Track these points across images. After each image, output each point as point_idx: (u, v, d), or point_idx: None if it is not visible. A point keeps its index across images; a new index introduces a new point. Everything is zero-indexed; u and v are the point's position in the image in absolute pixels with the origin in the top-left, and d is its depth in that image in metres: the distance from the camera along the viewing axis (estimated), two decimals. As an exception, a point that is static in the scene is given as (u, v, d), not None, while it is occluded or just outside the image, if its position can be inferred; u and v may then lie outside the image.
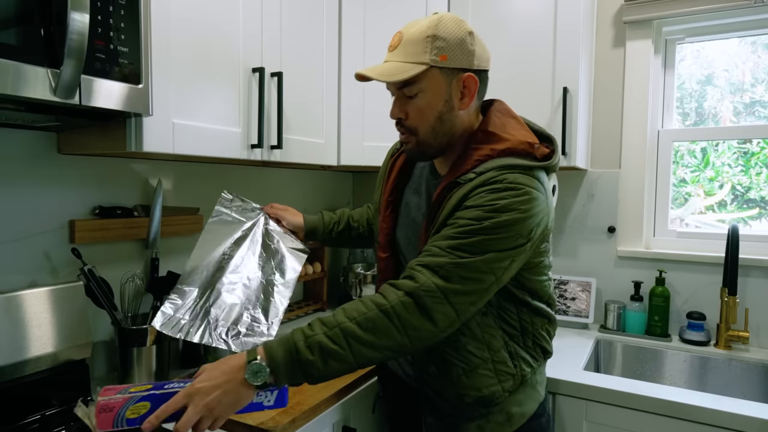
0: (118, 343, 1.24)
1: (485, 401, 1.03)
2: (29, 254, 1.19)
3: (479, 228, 0.90)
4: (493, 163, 0.96)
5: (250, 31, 1.33)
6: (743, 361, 1.61)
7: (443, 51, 0.95)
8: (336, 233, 1.38)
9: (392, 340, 0.87)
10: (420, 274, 0.89)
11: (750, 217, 1.81)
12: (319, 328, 0.86)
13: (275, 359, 0.84)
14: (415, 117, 1.01)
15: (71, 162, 1.26)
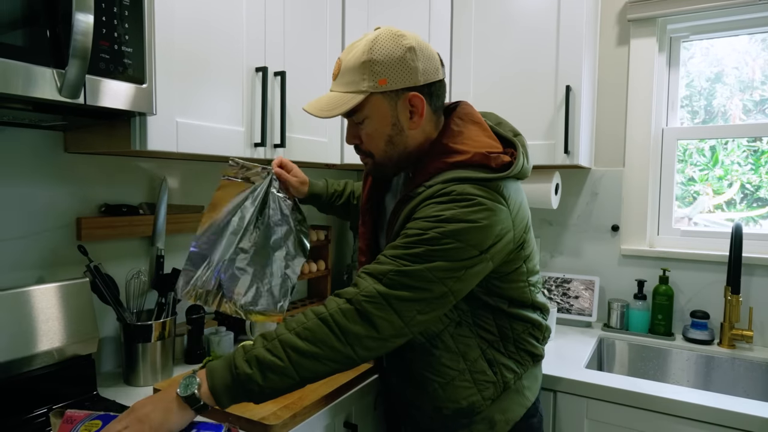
0: (124, 339, 1.26)
1: (464, 412, 1.02)
2: (37, 251, 1.21)
3: (423, 239, 0.88)
4: (444, 176, 0.94)
5: (253, 31, 1.34)
6: (747, 360, 1.60)
7: (381, 75, 0.93)
8: (337, 205, 1.37)
9: (333, 350, 0.84)
10: (362, 280, 0.88)
11: (759, 216, 1.80)
12: (260, 341, 0.85)
13: (215, 377, 0.82)
14: (367, 142, 1.01)
15: (78, 160, 1.28)
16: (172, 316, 1.32)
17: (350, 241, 2.30)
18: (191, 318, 1.41)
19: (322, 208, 1.39)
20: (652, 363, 1.74)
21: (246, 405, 1.09)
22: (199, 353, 1.41)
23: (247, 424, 1.04)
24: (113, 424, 0.82)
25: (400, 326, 0.86)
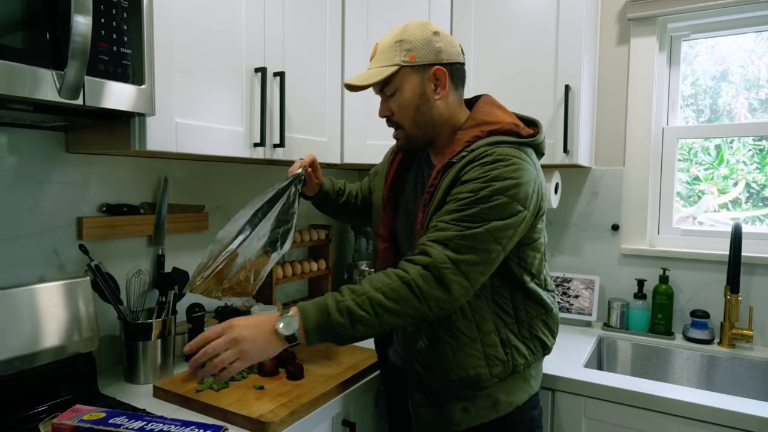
0: (124, 337, 1.27)
1: (470, 382, 1.07)
2: (38, 250, 1.22)
3: (477, 198, 0.98)
4: (483, 141, 1.06)
5: (252, 31, 1.35)
6: (747, 360, 1.60)
7: (411, 51, 1.09)
8: (339, 203, 1.39)
9: (413, 308, 0.95)
10: (432, 248, 0.97)
11: (765, 216, 1.79)
12: (348, 294, 0.95)
13: (308, 318, 0.93)
14: (397, 112, 1.13)
15: (79, 160, 1.29)
16: (173, 314, 1.34)
17: (351, 240, 2.31)
18: (192, 316, 1.42)
19: (321, 206, 1.40)
20: (652, 362, 1.74)
21: (245, 402, 1.11)
22: (200, 351, 1.42)
23: (244, 422, 1.05)
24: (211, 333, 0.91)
25: (468, 287, 0.98)
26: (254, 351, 0.92)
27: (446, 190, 1.04)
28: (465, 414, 1.10)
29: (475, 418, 1.10)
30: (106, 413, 0.91)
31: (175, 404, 1.15)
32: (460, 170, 1.03)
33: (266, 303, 1.77)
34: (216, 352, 0.91)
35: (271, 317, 0.95)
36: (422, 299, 0.95)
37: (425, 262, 0.96)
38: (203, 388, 1.17)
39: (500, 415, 1.10)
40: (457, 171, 1.04)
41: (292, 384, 1.22)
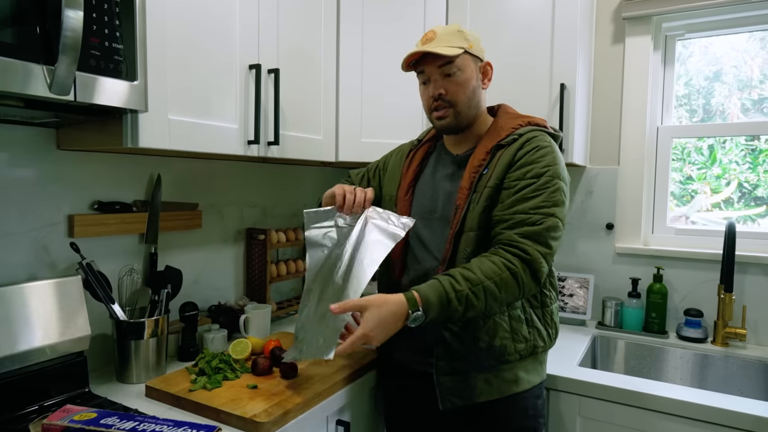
0: (116, 337, 1.26)
1: (495, 352, 1.15)
2: (29, 248, 1.21)
3: (544, 182, 1.11)
4: (527, 128, 1.20)
5: (246, 27, 1.34)
6: (740, 358, 1.61)
7: (470, 42, 1.20)
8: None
9: (513, 296, 1.08)
10: (527, 246, 1.08)
11: (757, 215, 1.80)
12: (465, 284, 1.04)
13: (430, 305, 1.03)
14: (453, 91, 1.19)
15: (70, 157, 1.28)
16: (166, 313, 1.32)
17: (346, 239, 2.29)
18: (185, 315, 1.41)
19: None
20: (645, 361, 1.74)
21: (238, 402, 1.10)
22: (193, 350, 1.41)
23: (238, 421, 1.04)
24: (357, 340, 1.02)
25: (547, 272, 1.11)
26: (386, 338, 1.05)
27: (505, 169, 1.14)
28: (487, 385, 1.16)
29: (495, 391, 1.17)
30: (97, 413, 0.90)
31: (167, 404, 1.14)
32: (516, 152, 1.15)
33: (260, 302, 1.76)
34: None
35: (400, 316, 1.03)
36: (522, 289, 1.08)
37: (526, 259, 1.07)
38: (196, 387, 1.16)
39: (518, 392, 1.18)
40: (513, 153, 1.15)
41: (286, 383, 1.21)
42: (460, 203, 1.17)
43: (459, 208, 1.17)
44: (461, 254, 1.15)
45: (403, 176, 1.34)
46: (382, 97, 1.74)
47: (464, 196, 1.17)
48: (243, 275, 1.81)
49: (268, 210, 1.91)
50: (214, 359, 1.25)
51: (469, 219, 1.15)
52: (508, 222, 1.11)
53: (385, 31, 1.73)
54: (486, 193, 1.14)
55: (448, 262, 1.16)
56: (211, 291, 1.68)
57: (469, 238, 1.14)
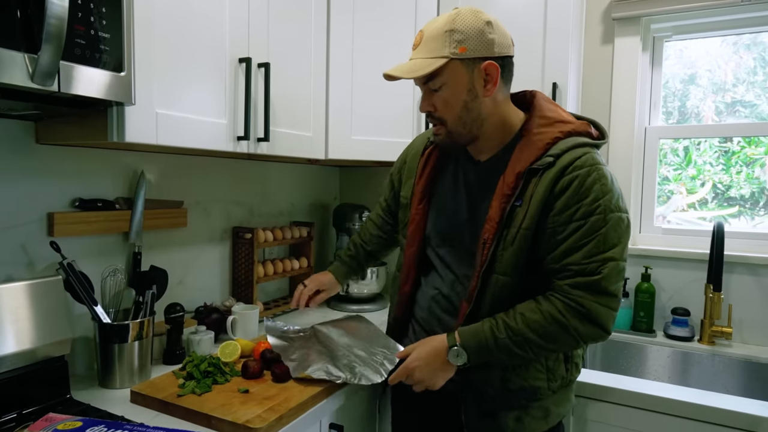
0: (99, 340, 1.21)
1: (527, 392, 1.08)
2: (5, 247, 1.14)
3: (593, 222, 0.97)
4: (564, 144, 1.01)
5: (236, 19, 1.29)
6: (726, 357, 1.63)
7: (462, 43, 1.00)
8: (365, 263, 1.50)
9: (568, 346, 1.02)
10: (584, 300, 0.97)
11: (730, 215, 1.83)
12: (506, 331, 1.00)
13: (469, 348, 1.02)
14: (442, 108, 1.06)
15: (50, 152, 1.22)
16: (151, 315, 1.27)
17: (332, 238, 2.26)
18: (170, 317, 1.36)
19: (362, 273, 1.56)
20: (633, 360, 1.76)
21: (229, 407, 1.06)
22: (179, 353, 1.36)
23: (230, 427, 1.00)
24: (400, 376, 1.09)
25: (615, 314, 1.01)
26: (436, 380, 1.07)
27: (542, 206, 1.00)
28: (518, 424, 1.09)
29: (528, 429, 1.09)
30: (82, 422, 0.85)
31: (154, 410, 1.09)
32: (554, 184, 0.99)
33: (247, 302, 1.71)
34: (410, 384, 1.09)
35: (441, 348, 1.05)
36: (579, 339, 1.00)
37: (582, 312, 0.98)
38: (184, 392, 1.11)
39: (549, 427, 1.11)
40: (551, 185, 0.99)
41: (279, 387, 1.17)
42: (488, 237, 1.03)
43: (487, 243, 1.03)
44: (489, 296, 1.05)
45: (417, 179, 1.21)
46: (373, 94, 1.71)
47: (492, 230, 1.03)
48: (229, 275, 1.76)
49: (254, 208, 1.87)
50: (203, 362, 1.20)
51: (501, 260, 1.03)
52: (561, 273, 1.00)
53: (376, 28, 1.70)
54: (521, 235, 1.00)
55: (475, 300, 1.06)
56: (196, 292, 1.62)
57: (499, 282, 1.03)
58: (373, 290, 2.01)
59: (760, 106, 1.78)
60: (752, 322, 1.69)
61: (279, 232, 1.84)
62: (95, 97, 0.92)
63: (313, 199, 2.19)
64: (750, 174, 1.81)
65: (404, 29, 1.70)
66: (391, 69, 1.06)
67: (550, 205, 0.99)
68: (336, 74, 1.68)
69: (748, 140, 1.81)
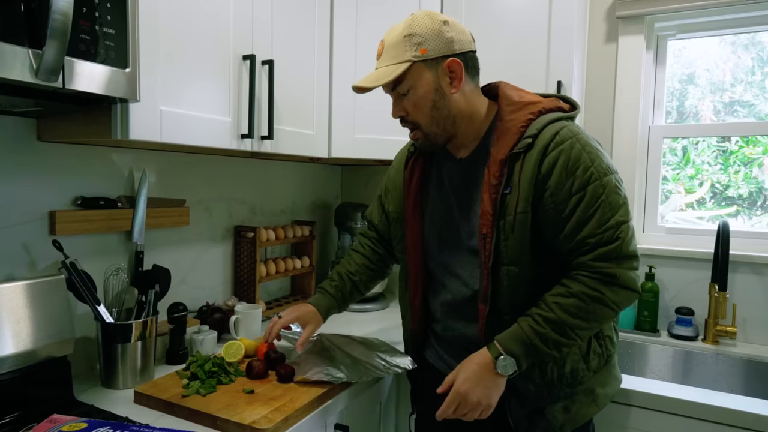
0: (102, 340, 1.19)
1: (567, 378, 1.06)
2: (6, 246, 1.13)
3: (591, 190, 0.98)
4: (539, 122, 1.02)
5: (240, 17, 1.28)
6: (730, 356, 1.62)
7: (422, 45, 1.02)
8: (350, 296, 1.40)
9: (608, 318, 1.01)
10: (611, 269, 0.98)
11: (728, 215, 1.83)
12: (548, 326, 0.99)
13: (515, 353, 1.00)
14: (413, 111, 1.07)
15: (52, 150, 1.20)
16: (154, 315, 1.26)
17: (334, 237, 2.25)
18: (173, 317, 1.35)
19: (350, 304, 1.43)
20: (637, 359, 1.75)
21: (234, 408, 1.05)
22: (182, 353, 1.35)
23: (236, 428, 0.99)
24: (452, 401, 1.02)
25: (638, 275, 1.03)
26: (492, 398, 1.02)
27: (532, 187, 1.00)
28: (566, 414, 1.07)
29: (578, 417, 1.08)
30: (87, 423, 0.84)
31: (159, 410, 1.08)
32: (539, 163, 1.00)
33: (249, 302, 1.70)
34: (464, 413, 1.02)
35: (487, 365, 1.01)
36: (618, 308, 1.01)
37: (616, 282, 0.98)
38: (189, 392, 1.10)
39: (600, 409, 1.10)
40: (536, 165, 1.00)
41: (284, 387, 1.16)
42: (487, 231, 1.03)
43: (487, 237, 1.03)
44: (503, 289, 1.04)
45: (407, 191, 1.21)
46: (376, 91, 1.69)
47: (489, 223, 1.03)
48: (231, 274, 1.75)
49: (256, 207, 1.85)
50: (207, 363, 1.19)
51: (507, 251, 1.02)
52: (581, 249, 0.99)
53: (379, 26, 1.68)
54: (519, 220, 1.00)
55: (490, 299, 1.04)
56: (197, 291, 1.61)
57: (511, 274, 1.03)
58: (376, 290, 2.00)
59: (758, 105, 1.78)
60: (756, 321, 1.69)
61: (281, 230, 1.83)
62: (100, 94, 0.91)
63: (314, 198, 2.18)
64: (748, 174, 1.81)
65: (408, 27, 1.69)
66: (358, 81, 1.08)
67: (542, 185, 1.00)
68: (339, 72, 1.67)
69: (746, 140, 1.81)
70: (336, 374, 1.20)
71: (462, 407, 1.01)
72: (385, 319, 1.81)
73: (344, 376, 1.19)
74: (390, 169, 1.34)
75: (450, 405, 1.02)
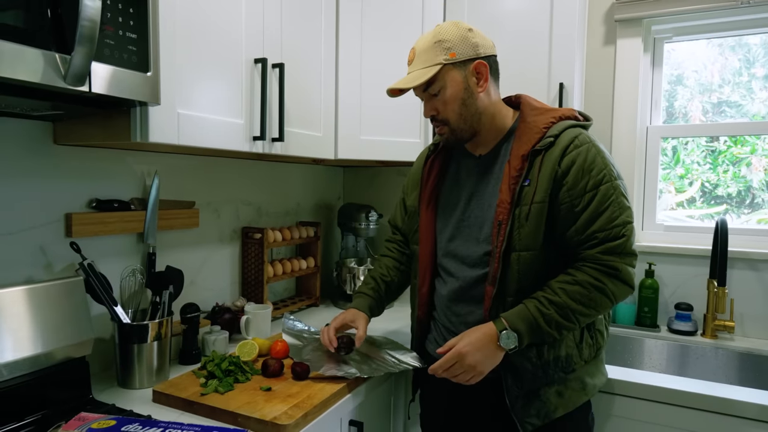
0: (118, 340, 1.21)
1: (561, 362, 1.13)
2: (24, 249, 1.14)
3: (603, 190, 1.07)
4: (560, 126, 1.13)
5: (251, 21, 1.30)
6: (729, 350, 1.67)
7: (451, 50, 1.12)
8: (387, 298, 1.43)
9: (606, 308, 1.11)
10: (615, 263, 1.07)
11: (717, 213, 1.88)
12: (552, 308, 1.07)
13: (518, 331, 1.07)
14: (443, 110, 1.16)
15: (67, 153, 1.21)
16: (168, 315, 1.27)
17: (338, 238, 2.27)
18: (187, 317, 1.36)
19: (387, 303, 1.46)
20: (638, 354, 1.79)
21: (254, 405, 1.07)
22: (195, 353, 1.36)
23: (257, 425, 1.01)
24: (451, 358, 1.08)
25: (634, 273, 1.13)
26: (485, 366, 1.09)
27: (550, 181, 1.09)
28: (560, 398, 1.14)
29: (569, 402, 1.14)
30: (116, 420, 0.85)
31: (178, 409, 1.10)
32: (559, 160, 1.09)
33: (257, 302, 1.72)
34: (456, 374, 1.10)
35: (491, 336, 1.08)
36: (615, 300, 1.10)
37: (616, 274, 1.08)
38: (208, 391, 1.12)
39: (588, 398, 1.18)
40: (556, 161, 1.09)
41: (300, 385, 1.18)
42: (503, 218, 1.10)
43: (502, 224, 1.10)
44: (513, 273, 1.10)
45: (424, 185, 1.29)
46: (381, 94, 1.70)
47: (506, 211, 1.10)
48: (239, 275, 1.76)
49: (262, 208, 1.87)
50: (224, 361, 1.21)
51: (521, 237, 1.09)
52: (588, 243, 1.08)
53: (384, 30, 1.71)
54: (535, 209, 1.08)
55: (498, 281, 1.11)
56: (206, 292, 1.63)
57: (522, 259, 1.09)
58: (380, 289, 2.02)
59: (745, 106, 1.84)
60: (753, 316, 1.74)
61: (287, 231, 1.85)
62: (123, 98, 0.93)
63: (317, 199, 2.20)
64: (737, 173, 1.86)
65: (411, 34, 1.72)
66: (393, 84, 1.17)
67: (560, 180, 1.09)
68: (345, 75, 1.69)
69: (734, 140, 1.86)
70: (349, 370, 1.23)
71: (457, 367, 1.08)
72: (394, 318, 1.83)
73: (357, 372, 1.22)
74: (411, 169, 1.41)
75: (447, 362, 1.09)
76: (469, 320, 1.18)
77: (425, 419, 1.35)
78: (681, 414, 1.28)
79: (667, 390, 1.28)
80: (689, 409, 1.27)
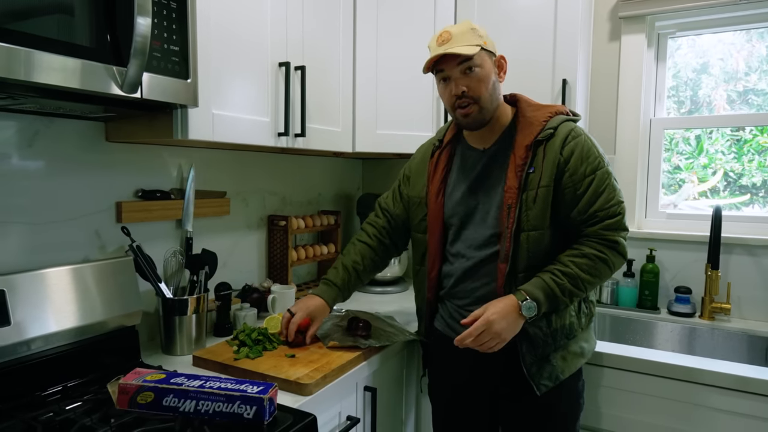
0: (162, 313, 1.38)
1: (566, 330, 1.29)
2: (82, 232, 1.32)
3: (601, 177, 1.23)
4: (557, 120, 1.28)
5: (276, 30, 1.45)
6: (725, 330, 1.76)
7: (484, 38, 1.27)
8: (354, 287, 1.53)
9: (607, 277, 1.27)
10: (615, 236, 1.24)
11: (741, 203, 1.93)
12: (566, 279, 1.22)
13: (538, 300, 1.20)
14: (475, 87, 1.26)
15: (117, 149, 1.38)
16: (205, 292, 1.44)
17: (356, 225, 2.42)
18: (220, 294, 1.53)
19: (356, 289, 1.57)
20: (639, 334, 1.89)
21: (280, 368, 1.22)
22: (227, 327, 1.53)
23: (283, 384, 1.17)
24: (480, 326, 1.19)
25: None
26: (509, 333, 1.21)
27: (554, 167, 1.23)
28: (564, 362, 1.28)
29: (572, 365, 1.30)
30: (165, 374, 1.02)
31: (215, 371, 1.26)
32: (560, 149, 1.24)
33: (282, 284, 1.88)
34: (483, 341, 1.20)
35: (513, 304, 1.20)
36: (614, 269, 1.27)
37: (616, 247, 1.25)
38: (240, 356, 1.28)
39: (584, 362, 1.33)
40: (558, 150, 1.24)
41: (320, 353, 1.34)
42: (512, 202, 1.24)
43: (512, 208, 1.24)
44: (523, 251, 1.24)
45: (432, 178, 1.40)
46: (396, 90, 1.85)
47: (514, 196, 1.24)
48: (265, 259, 1.93)
49: (287, 198, 2.03)
50: (254, 332, 1.37)
51: (529, 218, 1.23)
52: (592, 221, 1.24)
53: (398, 30, 1.84)
54: (541, 193, 1.22)
55: (511, 259, 1.24)
56: (237, 273, 1.79)
57: (530, 238, 1.23)
58: (396, 273, 2.17)
59: (773, 93, 1.82)
60: (750, 299, 1.82)
61: (309, 219, 2.00)
62: (169, 102, 1.08)
63: (337, 189, 2.35)
64: (762, 162, 1.88)
65: (424, 31, 1.84)
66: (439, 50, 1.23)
67: (563, 167, 1.24)
68: (362, 73, 1.82)
69: (760, 129, 1.88)
70: (363, 342, 1.38)
71: (485, 335, 1.19)
72: (405, 300, 1.97)
73: (373, 342, 1.38)
74: (411, 161, 1.53)
75: (476, 330, 1.19)
76: (479, 294, 1.31)
77: (433, 391, 1.49)
78: (661, 383, 1.40)
79: (649, 362, 1.41)
80: (669, 380, 1.39)
